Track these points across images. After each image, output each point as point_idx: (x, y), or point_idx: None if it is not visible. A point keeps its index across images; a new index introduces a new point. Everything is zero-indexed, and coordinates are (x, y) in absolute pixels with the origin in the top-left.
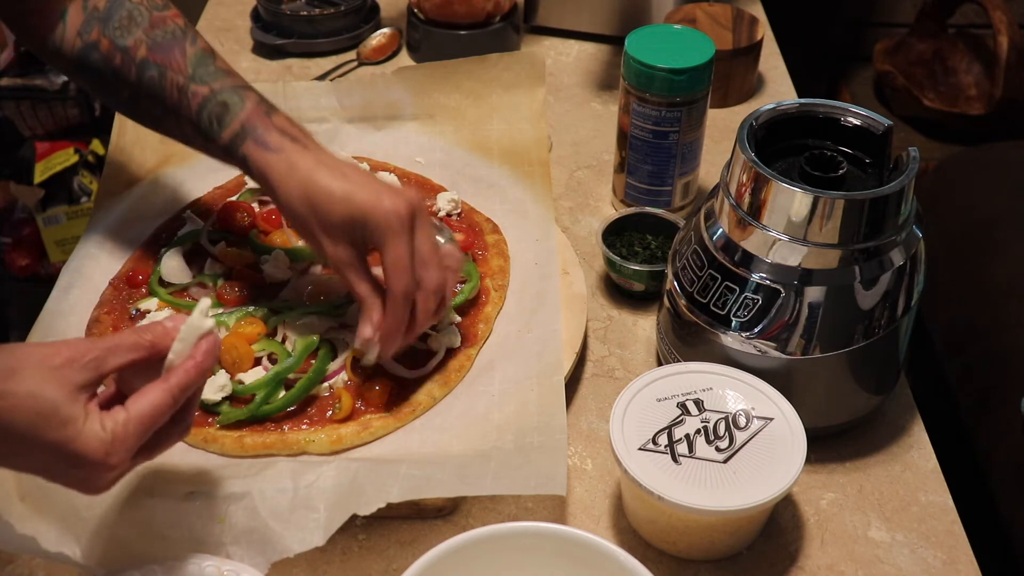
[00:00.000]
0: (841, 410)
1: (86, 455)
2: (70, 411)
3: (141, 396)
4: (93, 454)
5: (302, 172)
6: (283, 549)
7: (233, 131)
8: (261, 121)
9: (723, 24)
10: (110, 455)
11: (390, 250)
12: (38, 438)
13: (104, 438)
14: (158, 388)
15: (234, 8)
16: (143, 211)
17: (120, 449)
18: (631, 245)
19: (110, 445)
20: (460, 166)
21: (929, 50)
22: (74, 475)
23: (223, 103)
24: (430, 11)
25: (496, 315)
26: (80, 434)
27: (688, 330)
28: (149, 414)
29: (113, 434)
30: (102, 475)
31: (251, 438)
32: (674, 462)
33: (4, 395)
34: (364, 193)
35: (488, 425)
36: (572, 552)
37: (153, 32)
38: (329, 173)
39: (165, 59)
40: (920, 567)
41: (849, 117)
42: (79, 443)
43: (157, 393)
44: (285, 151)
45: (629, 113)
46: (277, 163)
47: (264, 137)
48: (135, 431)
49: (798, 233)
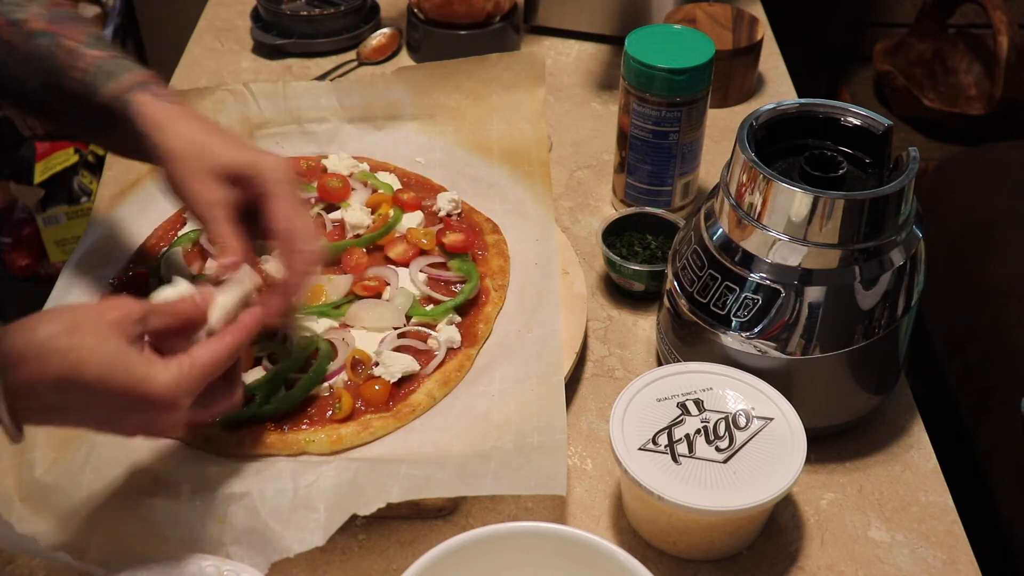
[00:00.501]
0: (841, 410)
1: (156, 394)
2: (133, 357)
3: (201, 346)
4: (162, 392)
5: (195, 119)
6: (283, 549)
7: (125, 84)
8: (157, 83)
9: (723, 24)
10: (179, 393)
11: (284, 194)
12: (109, 385)
13: (170, 379)
14: (215, 341)
15: (234, 8)
16: (143, 211)
17: (186, 389)
18: (631, 245)
19: (177, 385)
20: (460, 166)
21: (929, 50)
22: (141, 419)
23: (119, 63)
24: (430, 11)
25: (496, 315)
26: (148, 375)
27: (688, 330)
28: (209, 361)
29: (179, 374)
30: (169, 415)
31: (251, 438)
32: (674, 462)
33: (72, 348)
34: (251, 148)
35: (488, 425)
36: (572, 552)
37: (52, 9)
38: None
39: (61, 29)
40: (920, 567)
41: (849, 117)
42: (148, 384)
43: (215, 344)
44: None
45: (629, 113)
46: (170, 109)
47: (159, 91)
48: (199, 374)
49: (798, 233)
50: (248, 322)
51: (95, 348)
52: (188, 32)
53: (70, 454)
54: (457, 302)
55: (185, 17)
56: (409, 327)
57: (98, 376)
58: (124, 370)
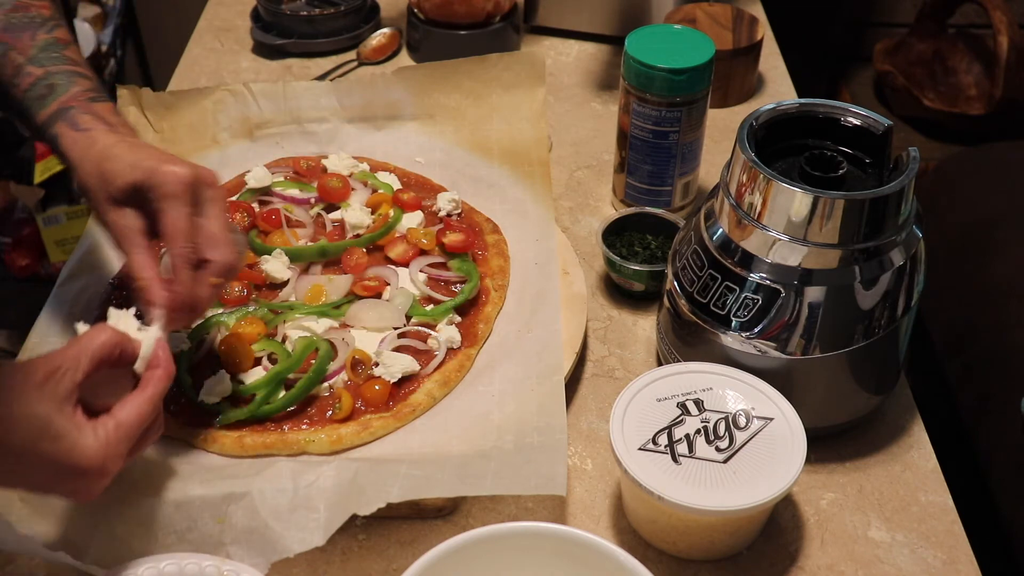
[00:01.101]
0: (841, 410)
1: (84, 464)
2: (61, 424)
3: (126, 404)
4: (90, 461)
5: (100, 147)
6: (283, 549)
7: (50, 111)
8: (80, 105)
9: (723, 24)
10: (107, 461)
11: (168, 212)
12: (36, 454)
13: (99, 446)
14: (140, 396)
15: (234, 8)
16: None
17: (115, 454)
18: (631, 245)
19: (105, 451)
20: (460, 166)
21: (929, 50)
22: (71, 485)
23: (50, 85)
24: (430, 11)
25: (496, 315)
26: (76, 445)
27: (688, 330)
28: (136, 419)
29: (107, 440)
30: (98, 481)
31: (251, 438)
32: (674, 462)
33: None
34: (151, 160)
35: (488, 425)
36: (572, 552)
37: (12, 15)
38: (127, 148)
39: (12, 39)
40: (920, 567)
41: (849, 117)
42: (76, 453)
43: (140, 400)
44: (92, 132)
45: (629, 113)
46: (80, 140)
47: (76, 118)
48: (126, 435)
49: (798, 233)
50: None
51: (21, 417)
52: (188, 32)
53: None
54: (457, 302)
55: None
56: (409, 327)
57: (24, 445)
58: (51, 439)
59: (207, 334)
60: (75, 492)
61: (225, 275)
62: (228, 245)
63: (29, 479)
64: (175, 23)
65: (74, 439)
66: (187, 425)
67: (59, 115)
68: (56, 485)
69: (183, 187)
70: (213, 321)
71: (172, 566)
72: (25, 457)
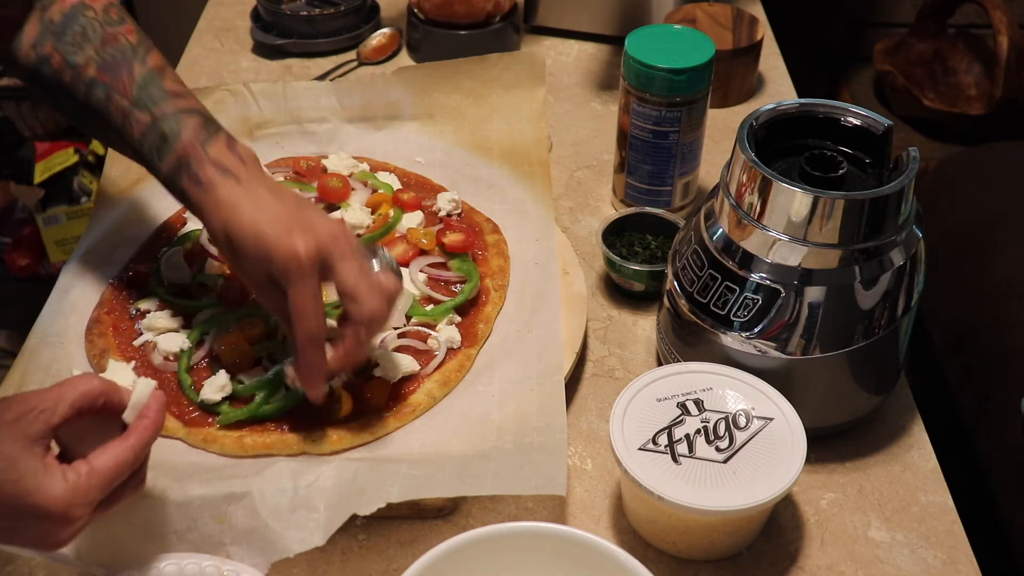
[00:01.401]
0: (841, 410)
1: (47, 507)
2: (27, 464)
3: (104, 451)
4: (55, 505)
5: (224, 211)
6: (283, 549)
7: (170, 164)
8: (195, 153)
9: (723, 24)
10: (72, 507)
11: (291, 294)
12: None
13: (66, 489)
14: (120, 444)
15: (234, 8)
16: (143, 211)
17: (83, 501)
18: (631, 245)
19: (72, 496)
20: (460, 166)
21: (929, 50)
22: (34, 530)
23: (162, 134)
24: (430, 11)
25: (496, 315)
26: (40, 486)
27: (688, 330)
28: (113, 467)
29: (75, 485)
30: (63, 528)
31: (251, 438)
32: (674, 462)
33: None
34: (272, 231)
35: (488, 425)
36: (572, 552)
37: (104, 49)
38: (249, 208)
39: (112, 80)
40: (920, 567)
41: (849, 117)
42: (40, 495)
43: (120, 449)
44: (215, 187)
45: (629, 113)
46: (207, 202)
47: (197, 172)
48: (98, 483)
49: (798, 233)
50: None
51: None
52: (188, 32)
53: None
54: (457, 302)
55: (185, 17)
56: (409, 327)
57: None
58: (14, 479)
59: (207, 334)
60: (38, 539)
61: (369, 325)
62: (368, 295)
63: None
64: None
65: (39, 481)
66: (187, 425)
67: (180, 169)
68: (18, 529)
69: (302, 267)
70: (213, 321)
71: (172, 566)
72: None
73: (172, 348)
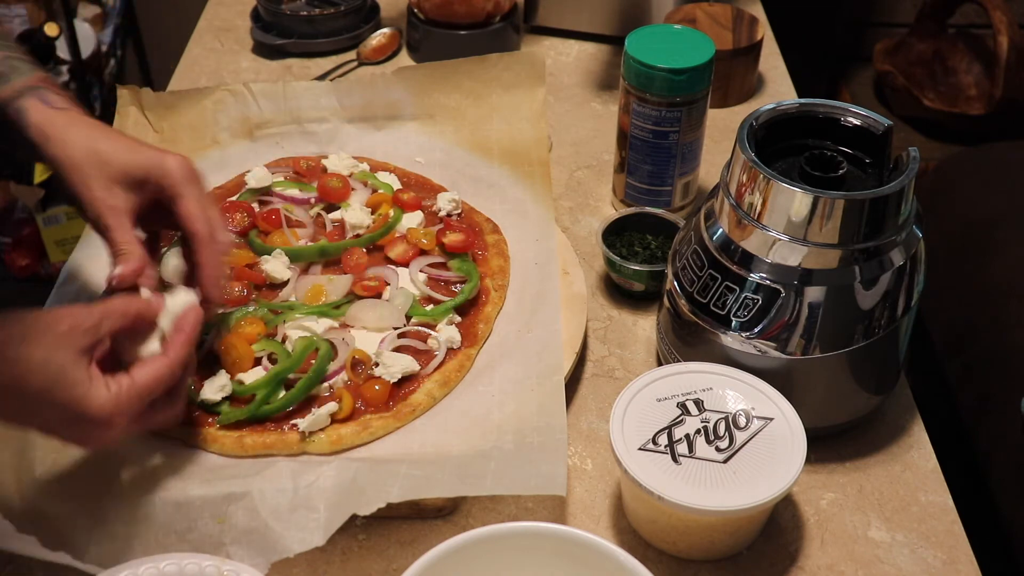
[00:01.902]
0: (841, 410)
1: (93, 414)
2: (78, 374)
3: (144, 366)
4: (98, 412)
5: (86, 126)
6: (283, 549)
7: (15, 89)
8: (49, 87)
9: (723, 24)
10: (115, 415)
11: (190, 195)
12: (50, 399)
13: (109, 399)
14: (159, 360)
15: (234, 8)
16: None
17: (123, 411)
18: (631, 245)
19: (115, 406)
20: (460, 166)
21: (929, 50)
22: (77, 432)
23: (11, 66)
24: (430, 11)
25: (496, 315)
26: (88, 395)
27: (688, 330)
28: (151, 381)
29: (118, 396)
30: (103, 433)
31: (251, 438)
32: (674, 462)
33: (19, 360)
34: (148, 148)
35: (488, 425)
36: (572, 552)
37: None
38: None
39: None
40: (920, 567)
41: (849, 117)
42: (87, 403)
43: (158, 363)
44: (70, 111)
45: (629, 113)
46: (59, 117)
47: (49, 97)
48: (138, 395)
49: (798, 233)
50: (188, 333)
51: (41, 362)
52: (188, 32)
53: (70, 454)
54: (457, 302)
55: (185, 17)
56: (409, 327)
57: (41, 390)
58: (66, 387)
59: (207, 334)
60: (81, 439)
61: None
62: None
63: (41, 421)
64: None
65: (86, 389)
66: (187, 425)
67: (27, 92)
68: (64, 430)
69: (195, 175)
70: (213, 321)
71: (172, 566)
72: (40, 400)
73: None
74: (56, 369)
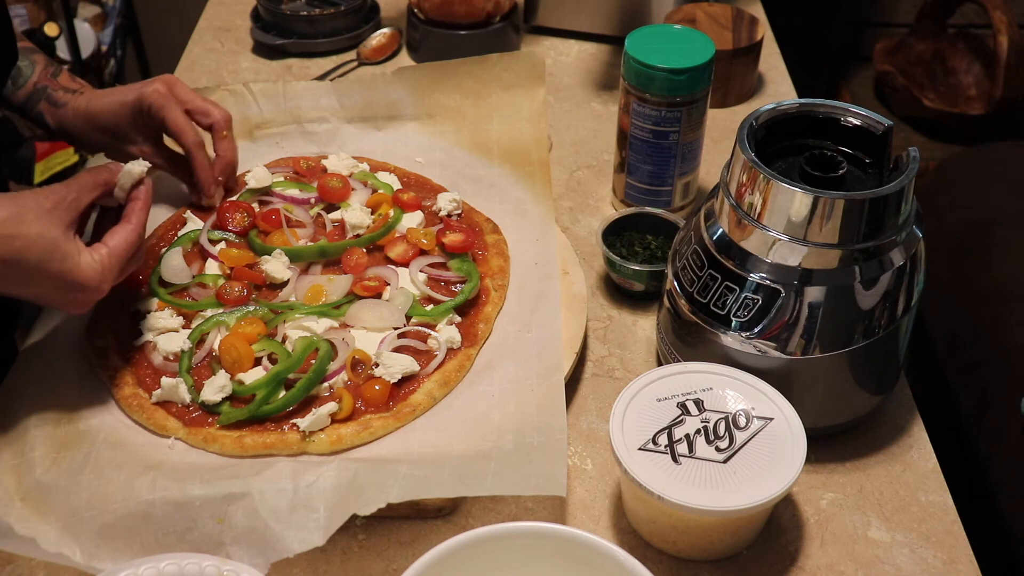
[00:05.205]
0: (841, 410)
1: (84, 281)
2: (68, 247)
3: (114, 234)
4: (89, 280)
5: (82, 111)
6: (283, 549)
7: (27, 91)
8: (49, 83)
9: (723, 24)
10: (103, 281)
11: (169, 118)
12: (46, 270)
13: (95, 267)
14: (126, 227)
15: (234, 8)
16: None
17: (109, 276)
18: (631, 245)
19: (102, 272)
20: (460, 166)
21: (929, 50)
22: (70, 297)
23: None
24: (430, 11)
25: (496, 315)
26: (79, 265)
27: (688, 330)
28: (125, 245)
29: (102, 263)
30: (93, 296)
31: (251, 438)
32: (674, 462)
33: (17, 236)
34: (127, 89)
35: (488, 425)
36: (572, 552)
37: None
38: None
39: None
40: (920, 567)
41: (849, 117)
42: (79, 272)
43: (126, 230)
44: (68, 103)
45: (629, 113)
46: (64, 114)
47: (53, 96)
48: (117, 260)
49: (798, 233)
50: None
51: (37, 237)
52: (188, 32)
53: (70, 454)
54: (457, 302)
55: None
56: (409, 327)
57: (39, 261)
58: (60, 258)
59: (207, 334)
60: (73, 303)
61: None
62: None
63: (39, 291)
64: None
65: (76, 260)
66: (187, 425)
67: (38, 95)
68: (58, 297)
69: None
70: (213, 321)
71: (172, 566)
72: (37, 272)
73: (172, 348)
74: (49, 243)
